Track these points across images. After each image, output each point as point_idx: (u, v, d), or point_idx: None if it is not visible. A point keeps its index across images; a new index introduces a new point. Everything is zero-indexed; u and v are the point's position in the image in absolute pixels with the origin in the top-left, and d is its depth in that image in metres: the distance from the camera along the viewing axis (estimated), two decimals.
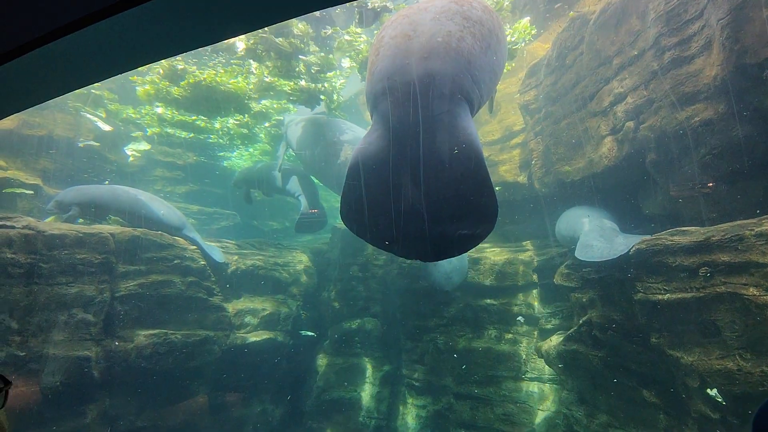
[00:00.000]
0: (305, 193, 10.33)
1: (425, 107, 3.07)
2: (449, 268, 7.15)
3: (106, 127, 9.57)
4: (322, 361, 8.73)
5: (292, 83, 8.45)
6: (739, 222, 4.23)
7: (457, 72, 3.21)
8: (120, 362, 6.17)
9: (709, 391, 4.15)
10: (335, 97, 9.00)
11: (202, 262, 7.53)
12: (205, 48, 8.18)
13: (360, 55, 7.83)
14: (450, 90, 3.15)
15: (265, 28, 7.09)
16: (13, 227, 5.68)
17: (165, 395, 6.69)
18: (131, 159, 10.81)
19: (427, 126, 3.04)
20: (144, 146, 10.67)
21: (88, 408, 5.89)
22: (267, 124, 11.29)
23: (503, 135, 8.90)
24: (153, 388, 6.52)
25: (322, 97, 8.74)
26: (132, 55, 1.82)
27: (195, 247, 7.73)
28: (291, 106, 10.33)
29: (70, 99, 9.38)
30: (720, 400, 4.07)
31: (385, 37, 3.58)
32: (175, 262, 7.16)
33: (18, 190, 7.86)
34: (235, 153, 12.81)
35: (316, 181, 10.55)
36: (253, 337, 7.80)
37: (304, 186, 10.56)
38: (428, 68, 3.16)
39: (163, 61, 8.56)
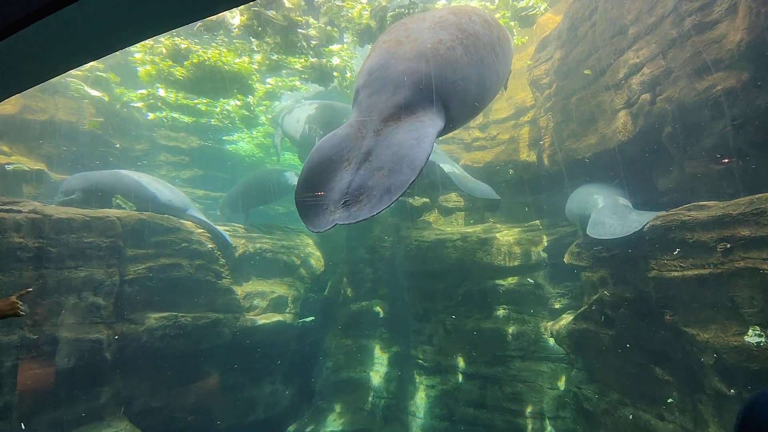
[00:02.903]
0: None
1: (396, 97, 3.12)
2: (483, 186, 7.70)
3: (95, 93, 9.41)
4: (331, 342, 8.78)
5: (303, 60, 8.25)
6: (760, 195, 4.08)
7: (438, 75, 3.24)
8: (132, 345, 6.22)
9: (751, 330, 3.98)
10: (348, 74, 8.78)
11: (210, 246, 7.51)
12: (201, 28, 8.00)
13: (353, 24, 7.56)
14: (426, 89, 3.17)
15: (257, 2, 6.89)
16: (19, 211, 5.66)
17: (177, 377, 6.77)
18: (151, 117, 10.76)
19: (392, 112, 3.07)
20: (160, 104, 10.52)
21: (103, 389, 5.97)
22: (267, 117, 11.13)
23: (513, 112, 8.70)
24: (165, 369, 6.59)
25: (335, 74, 8.53)
26: (124, 31, 1.75)
27: (202, 230, 7.71)
28: (298, 83, 10.15)
29: (73, 82, 9.27)
30: (762, 339, 3.88)
31: (380, 42, 3.69)
32: (183, 245, 7.15)
33: (15, 167, 7.83)
34: (234, 136, 12.67)
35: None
36: (263, 320, 7.84)
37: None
38: (409, 67, 3.21)
39: (165, 40, 8.40)
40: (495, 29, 4.04)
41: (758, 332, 3.88)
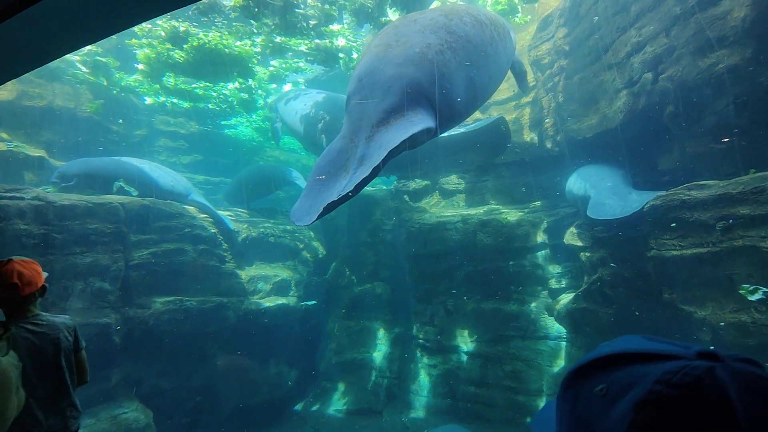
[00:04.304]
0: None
1: (384, 103, 3.19)
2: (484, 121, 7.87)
3: (85, 69, 9.30)
4: (334, 324, 8.92)
5: (307, 42, 8.14)
6: (760, 174, 4.10)
7: (425, 80, 3.29)
8: (139, 328, 6.33)
9: (743, 290, 4.01)
10: (355, 55, 8.67)
11: (213, 230, 7.57)
12: (197, 12, 7.87)
13: (349, 1, 7.43)
14: (414, 93, 3.22)
15: None
16: (23, 198, 5.69)
17: (185, 359, 6.91)
18: (148, 102, 10.73)
19: (381, 117, 3.14)
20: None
21: (113, 372, 6.10)
22: (267, 102, 11.03)
23: (514, 93, 8.61)
24: (172, 352, 6.72)
25: (340, 55, 8.43)
26: (118, 15, 1.75)
27: (205, 215, 7.75)
28: (302, 65, 10.03)
29: (70, 67, 9.18)
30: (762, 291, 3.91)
31: (371, 46, 3.74)
32: (186, 230, 7.20)
33: (15, 145, 7.83)
34: (232, 120, 12.57)
35: None
36: (267, 303, 7.95)
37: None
38: (397, 72, 3.27)
39: (162, 23, 8.27)
40: (488, 28, 4.03)
41: (750, 288, 3.91)
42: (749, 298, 3.93)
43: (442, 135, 7.61)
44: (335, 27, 8.20)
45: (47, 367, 2.19)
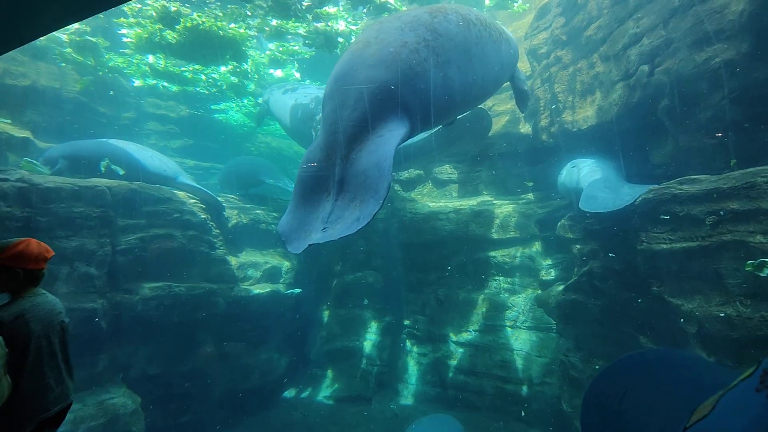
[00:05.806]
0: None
1: (355, 113, 3.14)
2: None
3: (64, 37, 8.99)
4: (325, 312, 8.93)
5: (305, 25, 7.97)
6: (752, 169, 4.12)
7: (396, 81, 3.21)
8: (127, 314, 6.26)
9: (750, 267, 4.00)
10: (353, 40, 8.52)
11: (203, 216, 7.46)
12: None
13: None
14: (385, 98, 3.16)
15: None
16: (6, 180, 5.53)
17: (174, 345, 6.87)
18: (137, 84, 10.54)
19: (353, 131, 3.12)
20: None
21: (99, 357, 6.04)
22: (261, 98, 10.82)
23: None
24: (161, 338, 6.67)
25: (339, 39, 8.27)
26: None
27: (195, 200, 7.63)
28: (297, 48, 9.85)
29: (58, 46, 8.89)
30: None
31: (354, 42, 3.68)
32: (175, 215, 7.09)
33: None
34: (222, 105, 12.34)
35: None
36: (257, 290, 7.91)
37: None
38: (369, 76, 3.20)
39: (152, 2, 8.02)
40: (476, 28, 3.90)
41: (756, 263, 3.92)
42: (759, 275, 3.93)
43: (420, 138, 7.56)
44: (332, 10, 8.03)
45: (59, 336, 2.28)
